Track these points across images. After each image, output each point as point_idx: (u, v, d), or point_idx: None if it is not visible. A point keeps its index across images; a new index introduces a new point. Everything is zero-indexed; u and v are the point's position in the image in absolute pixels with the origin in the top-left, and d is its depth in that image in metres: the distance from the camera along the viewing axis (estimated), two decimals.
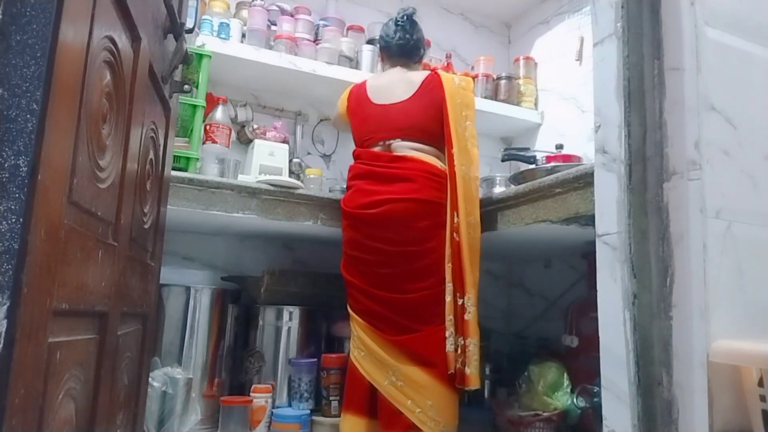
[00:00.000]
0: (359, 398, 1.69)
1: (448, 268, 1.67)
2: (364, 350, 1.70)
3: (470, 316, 1.63)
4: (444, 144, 1.78)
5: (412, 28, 1.95)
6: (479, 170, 1.78)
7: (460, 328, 1.63)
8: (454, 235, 1.67)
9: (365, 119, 1.89)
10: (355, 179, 1.82)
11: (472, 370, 1.60)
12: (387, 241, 1.69)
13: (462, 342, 1.62)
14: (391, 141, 1.80)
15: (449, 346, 1.62)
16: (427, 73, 1.88)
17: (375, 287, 1.70)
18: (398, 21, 1.95)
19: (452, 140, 1.74)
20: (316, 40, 2.33)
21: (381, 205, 1.70)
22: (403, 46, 1.93)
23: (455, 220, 1.68)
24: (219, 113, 2.02)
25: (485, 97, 2.56)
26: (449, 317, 1.64)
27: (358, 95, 1.93)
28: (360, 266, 1.75)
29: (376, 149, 1.82)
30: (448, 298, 1.65)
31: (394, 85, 1.88)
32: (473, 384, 1.60)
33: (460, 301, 1.65)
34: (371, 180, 1.77)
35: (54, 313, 0.58)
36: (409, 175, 1.72)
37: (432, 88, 1.82)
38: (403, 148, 1.78)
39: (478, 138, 1.82)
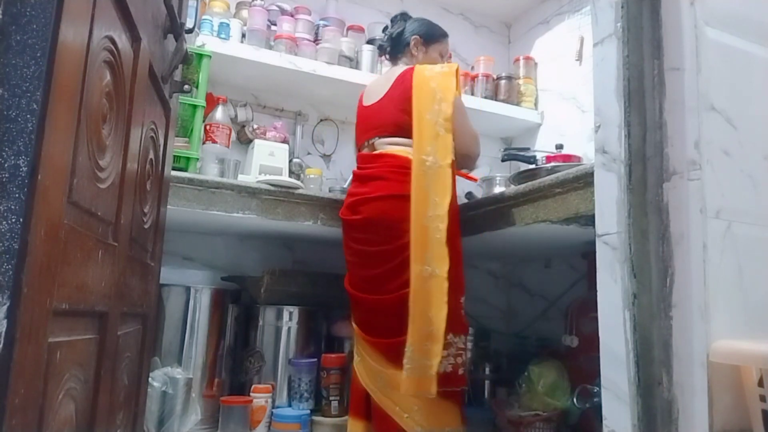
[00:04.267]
0: (358, 402, 1.69)
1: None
2: (359, 355, 1.71)
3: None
4: None
5: (395, 24, 1.98)
6: (452, 155, 1.63)
7: None
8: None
9: (357, 123, 1.94)
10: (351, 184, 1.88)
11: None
12: (365, 242, 1.69)
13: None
14: (373, 140, 1.82)
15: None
16: (406, 68, 1.82)
17: (359, 290, 1.70)
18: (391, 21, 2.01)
19: (415, 129, 1.67)
20: (316, 40, 2.33)
21: (358, 205, 1.72)
22: (387, 43, 1.98)
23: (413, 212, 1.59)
24: (219, 113, 2.02)
25: (485, 97, 2.56)
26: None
27: (359, 100, 1.96)
28: (349, 269, 1.76)
29: (364, 151, 1.84)
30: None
31: (380, 84, 1.90)
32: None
33: None
34: (356, 182, 1.82)
35: (54, 313, 0.58)
36: (381, 173, 1.72)
37: (403, 81, 1.78)
38: (382, 144, 1.80)
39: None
